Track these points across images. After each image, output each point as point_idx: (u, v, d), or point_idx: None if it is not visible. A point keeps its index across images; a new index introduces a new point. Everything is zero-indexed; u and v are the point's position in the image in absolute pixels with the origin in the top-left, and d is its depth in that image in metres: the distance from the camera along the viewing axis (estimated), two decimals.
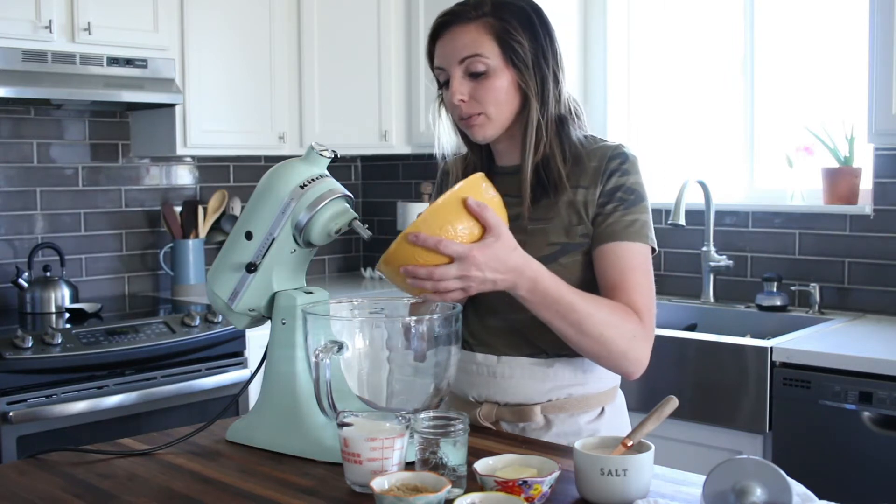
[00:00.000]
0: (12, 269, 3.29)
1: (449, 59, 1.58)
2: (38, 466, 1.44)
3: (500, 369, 1.63)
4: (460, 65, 1.57)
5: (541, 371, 1.62)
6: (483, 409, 1.64)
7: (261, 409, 1.53)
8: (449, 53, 1.58)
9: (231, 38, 3.52)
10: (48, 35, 3.01)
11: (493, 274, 1.42)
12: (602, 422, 1.64)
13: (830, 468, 2.44)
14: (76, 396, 2.78)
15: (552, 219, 1.60)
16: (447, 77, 1.60)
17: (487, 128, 1.60)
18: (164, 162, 3.75)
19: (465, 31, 1.57)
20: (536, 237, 1.60)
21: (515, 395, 1.63)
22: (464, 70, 1.57)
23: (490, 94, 1.57)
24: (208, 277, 1.57)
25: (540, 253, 1.57)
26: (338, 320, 1.43)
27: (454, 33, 1.58)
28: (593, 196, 1.59)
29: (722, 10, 3.44)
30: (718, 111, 3.47)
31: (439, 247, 1.38)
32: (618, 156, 1.60)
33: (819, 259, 3.11)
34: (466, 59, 1.56)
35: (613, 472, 1.21)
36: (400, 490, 1.17)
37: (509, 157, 1.66)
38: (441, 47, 1.60)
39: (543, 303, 1.48)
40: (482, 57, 1.56)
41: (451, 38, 1.58)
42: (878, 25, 2.67)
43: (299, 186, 1.47)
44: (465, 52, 1.56)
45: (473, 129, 1.61)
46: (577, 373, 1.63)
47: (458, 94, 1.57)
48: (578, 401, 1.63)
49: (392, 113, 3.77)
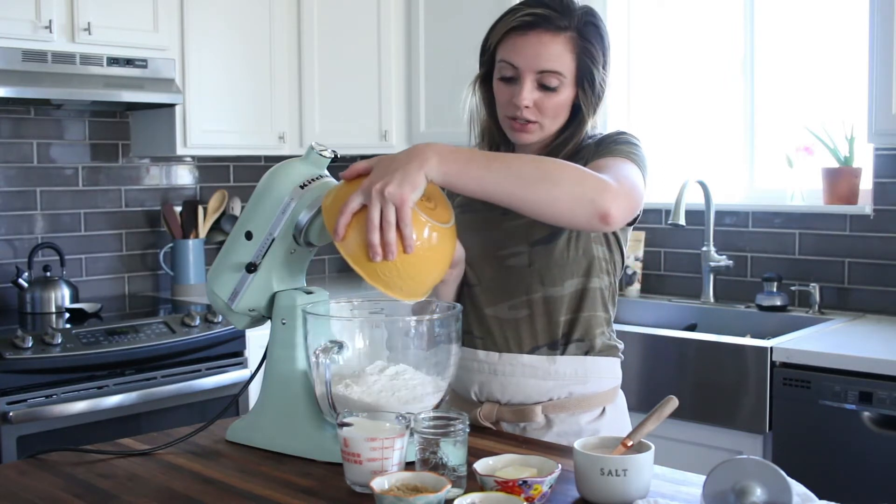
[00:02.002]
0: (12, 269, 3.29)
1: (527, 63, 1.56)
2: (38, 466, 1.44)
3: (502, 367, 1.63)
4: (537, 74, 1.56)
5: (542, 369, 1.62)
6: (484, 409, 1.64)
7: (261, 409, 1.53)
8: (530, 58, 1.56)
9: (231, 39, 3.52)
10: (48, 35, 3.01)
11: (398, 161, 1.30)
12: (603, 421, 1.64)
13: (830, 468, 2.44)
14: (76, 396, 2.78)
15: None
16: (515, 75, 1.57)
17: (536, 136, 1.61)
18: (164, 162, 3.75)
19: (553, 41, 1.55)
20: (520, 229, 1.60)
21: (516, 394, 1.63)
22: (537, 79, 1.56)
23: (553, 109, 1.58)
24: (208, 277, 1.57)
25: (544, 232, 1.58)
26: (338, 320, 1.44)
27: (541, 40, 1.55)
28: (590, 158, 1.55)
29: (722, 9, 3.44)
30: (718, 111, 3.47)
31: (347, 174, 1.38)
32: (616, 132, 1.61)
33: (819, 259, 3.11)
34: (545, 72, 1.55)
35: (613, 472, 1.21)
36: (400, 490, 1.17)
37: (527, 150, 1.65)
38: (521, 47, 1.56)
39: (470, 162, 1.33)
40: (560, 74, 1.56)
41: (537, 43, 1.55)
42: (878, 25, 2.67)
43: (299, 186, 1.47)
44: (548, 65, 1.55)
45: (523, 134, 1.60)
46: (578, 371, 1.63)
47: (526, 101, 1.56)
48: (579, 400, 1.63)
49: (392, 113, 3.77)
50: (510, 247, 1.63)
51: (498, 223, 1.64)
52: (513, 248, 1.62)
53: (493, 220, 1.64)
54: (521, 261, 1.61)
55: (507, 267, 1.63)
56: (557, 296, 1.61)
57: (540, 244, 1.60)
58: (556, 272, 1.60)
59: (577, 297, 1.62)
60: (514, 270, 1.63)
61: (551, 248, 1.59)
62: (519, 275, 1.62)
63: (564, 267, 1.60)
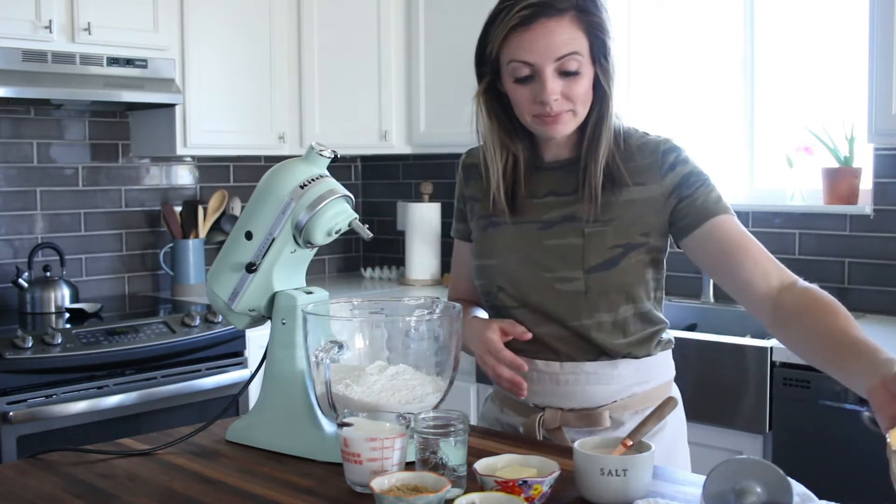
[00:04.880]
0: (12, 269, 3.29)
1: (543, 55, 1.48)
2: (38, 466, 1.44)
3: (564, 376, 1.58)
4: (555, 62, 1.48)
5: (605, 374, 1.57)
6: (546, 415, 1.59)
7: (261, 409, 1.53)
8: (543, 49, 1.48)
9: (231, 38, 3.52)
10: (48, 35, 3.01)
11: None
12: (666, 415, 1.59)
13: (830, 468, 2.44)
14: (76, 396, 2.78)
15: (612, 220, 1.54)
16: (531, 72, 1.50)
17: (571, 124, 1.53)
18: (164, 162, 3.75)
19: (559, 26, 1.48)
20: (595, 240, 1.54)
21: (581, 401, 1.58)
22: (556, 68, 1.49)
23: (580, 93, 1.51)
24: (208, 277, 1.57)
25: (600, 257, 1.53)
26: (338, 320, 1.44)
27: (547, 28, 1.47)
28: (656, 192, 1.54)
29: (722, 9, 3.43)
30: (718, 111, 3.47)
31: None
32: (670, 150, 1.56)
33: (819, 259, 3.11)
34: (563, 58, 1.48)
35: (613, 472, 1.21)
36: (400, 490, 1.17)
37: (559, 151, 1.60)
38: (531, 41, 1.48)
39: None
40: (578, 55, 1.48)
41: (546, 32, 1.47)
42: (878, 25, 2.67)
43: (299, 186, 1.47)
44: (563, 49, 1.47)
45: (558, 126, 1.52)
46: (640, 371, 1.59)
47: (554, 94, 1.49)
48: (640, 398, 1.59)
49: (392, 113, 3.77)
50: (561, 270, 1.55)
51: (537, 241, 1.58)
52: (564, 273, 1.55)
53: (532, 237, 1.59)
54: (576, 287, 1.54)
55: (557, 291, 1.56)
56: (612, 320, 1.56)
57: (597, 270, 1.53)
58: (613, 298, 1.55)
59: (634, 320, 1.58)
60: (566, 296, 1.55)
61: (609, 275, 1.53)
62: (572, 301, 1.55)
63: (621, 293, 1.55)
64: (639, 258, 1.55)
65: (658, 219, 1.56)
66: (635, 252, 1.55)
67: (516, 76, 1.51)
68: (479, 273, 1.66)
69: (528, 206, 1.60)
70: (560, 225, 1.57)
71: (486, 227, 1.65)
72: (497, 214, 1.62)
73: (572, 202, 1.56)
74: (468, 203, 1.72)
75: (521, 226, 1.60)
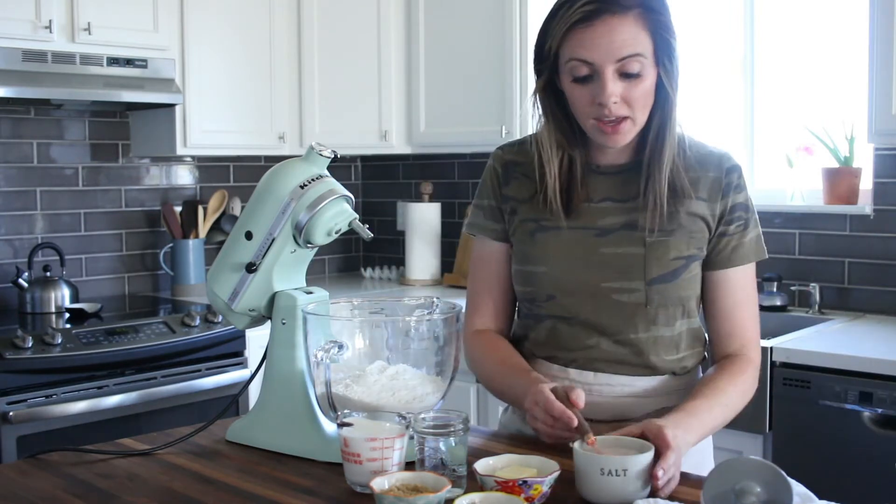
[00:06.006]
0: (12, 269, 3.29)
1: (604, 55, 1.40)
2: (38, 466, 1.44)
3: (598, 387, 1.52)
4: (616, 63, 1.41)
5: (641, 387, 1.53)
6: None
7: (261, 409, 1.53)
8: (604, 49, 1.40)
9: (231, 38, 3.52)
10: (48, 35, 3.01)
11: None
12: None
13: (830, 468, 2.44)
14: (76, 396, 2.78)
15: (674, 230, 1.49)
16: (591, 72, 1.42)
17: (630, 133, 1.46)
18: (164, 162, 3.75)
19: (622, 24, 1.40)
20: (658, 250, 1.49)
21: (611, 413, 1.53)
22: (617, 69, 1.41)
23: (641, 98, 1.44)
24: (208, 277, 1.57)
25: (663, 269, 1.49)
26: (338, 320, 1.44)
27: (610, 25, 1.40)
28: (714, 210, 1.51)
29: (722, 9, 3.43)
30: (718, 111, 3.47)
31: None
32: (733, 169, 1.53)
33: (819, 259, 3.11)
34: (625, 59, 1.40)
35: (613, 472, 1.21)
36: (400, 490, 1.17)
37: (615, 156, 1.54)
38: (592, 39, 1.40)
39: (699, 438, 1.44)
40: (641, 56, 1.41)
41: (608, 30, 1.40)
42: (878, 25, 2.67)
43: (299, 186, 1.47)
44: (626, 50, 1.40)
45: (617, 135, 1.45)
46: (677, 388, 1.55)
47: (613, 96, 1.41)
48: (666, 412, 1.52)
49: (392, 113, 3.77)
50: (620, 280, 1.49)
51: (593, 248, 1.52)
52: (624, 283, 1.49)
53: (588, 244, 1.52)
54: (636, 298, 1.49)
55: (614, 302, 1.50)
56: (669, 335, 1.53)
57: (658, 282, 1.49)
58: (671, 312, 1.51)
59: (687, 336, 1.55)
60: (625, 307, 1.50)
61: (670, 288, 1.49)
62: (630, 312, 1.50)
63: (679, 306, 1.52)
64: (696, 272, 1.53)
65: (709, 235, 1.53)
66: (694, 265, 1.52)
67: (575, 75, 1.44)
68: (525, 280, 1.58)
69: (583, 211, 1.53)
70: (618, 232, 1.51)
71: (534, 232, 1.56)
72: (549, 218, 1.54)
73: (631, 209, 1.51)
74: (508, 203, 1.61)
75: (575, 231, 1.53)
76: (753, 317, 1.57)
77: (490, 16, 3.46)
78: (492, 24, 3.44)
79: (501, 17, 3.39)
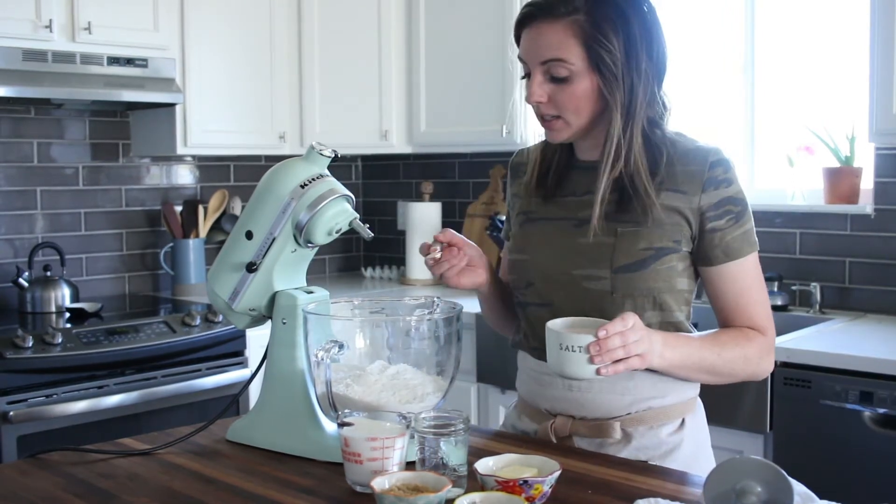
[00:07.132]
0: (12, 269, 3.29)
1: (531, 56, 1.49)
2: (39, 466, 1.44)
3: (578, 382, 1.53)
4: (542, 65, 1.48)
5: (621, 385, 1.52)
6: (557, 422, 1.55)
7: (261, 408, 1.53)
8: (531, 51, 1.49)
9: (231, 38, 3.52)
10: (48, 34, 3.01)
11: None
12: (684, 433, 1.56)
13: (831, 468, 2.44)
14: (76, 396, 2.78)
15: (647, 222, 1.50)
16: (527, 70, 1.52)
17: (564, 132, 1.52)
18: (164, 161, 3.75)
19: (551, 29, 1.46)
20: (627, 240, 1.50)
21: (593, 410, 1.54)
22: (545, 71, 1.48)
23: (570, 101, 1.48)
24: (209, 277, 1.57)
25: (630, 259, 1.49)
26: (338, 320, 1.44)
27: (539, 30, 1.47)
28: (696, 204, 1.50)
29: (722, 10, 3.43)
30: (719, 111, 3.46)
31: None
32: (720, 163, 1.52)
33: (820, 259, 3.11)
34: (549, 62, 1.47)
35: (570, 348, 1.34)
36: (400, 490, 1.17)
37: (591, 152, 1.57)
38: (525, 41, 1.50)
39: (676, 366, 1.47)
40: (565, 62, 1.46)
41: (536, 34, 1.48)
42: (879, 25, 2.67)
43: (300, 186, 1.47)
44: (548, 54, 1.46)
45: (552, 132, 1.53)
46: (657, 385, 1.54)
47: (535, 96, 1.49)
48: (658, 413, 1.54)
49: (392, 113, 3.77)
50: (589, 268, 1.52)
51: (571, 237, 1.55)
52: (592, 271, 1.52)
53: (566, 234, 1.56)
54: (602, 286, 1.51)
55: (584, 289, 1.53)
56: None
57: (624, 271, 1.50)
58: (639, 301, 1.51)
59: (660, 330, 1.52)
60: (592, 294, 1.52)
61: (637, 277, 1.50)
62: (598, 300, 1.52)
63: (648, 297, 1.51)
64: (671, 264, 1.51)
65: (690, 230, 1.52)
66: (668, 257, 1.51)
67: (522, 73, 1.54)
68: (512, 268, 1.64)
69: (566, 204, 1.58)
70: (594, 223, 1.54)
71: (522, 223, 1.63)
72: (535, 210, 1.61)
73: (609, 201, 1.52)
74: (513, 200, 1.70)
75: (556, 222, 1.58)
76: (761, 301, 1.55)
77: (490, 16, 3.45)
78: (492, 24, 3.44)
79: (502, 17, 3.39)
